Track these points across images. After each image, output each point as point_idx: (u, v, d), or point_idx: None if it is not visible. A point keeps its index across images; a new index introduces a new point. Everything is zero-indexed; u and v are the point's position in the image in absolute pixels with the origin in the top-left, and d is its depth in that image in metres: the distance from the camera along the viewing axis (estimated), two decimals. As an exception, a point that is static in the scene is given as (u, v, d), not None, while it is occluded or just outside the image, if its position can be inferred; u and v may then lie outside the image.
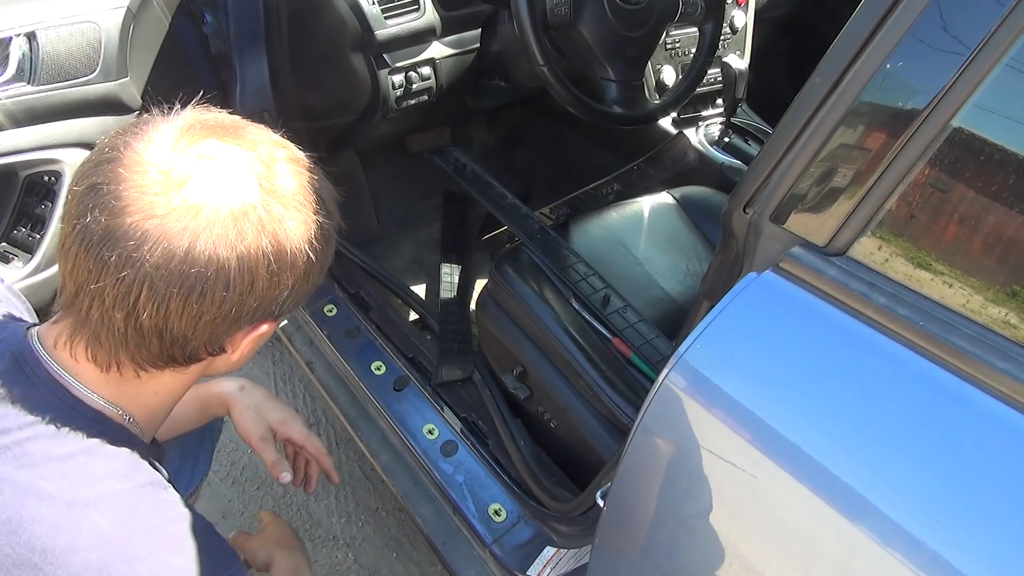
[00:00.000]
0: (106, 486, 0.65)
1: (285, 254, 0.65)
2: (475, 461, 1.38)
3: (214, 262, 0.61)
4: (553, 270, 1.37)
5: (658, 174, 1.90)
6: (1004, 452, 0.58)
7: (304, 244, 0.66)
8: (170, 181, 0.61)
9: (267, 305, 0.67)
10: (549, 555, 1.22)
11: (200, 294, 0.61)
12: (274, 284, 0.65)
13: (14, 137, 1.28)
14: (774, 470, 0.67)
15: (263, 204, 0.63)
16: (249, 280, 0.63)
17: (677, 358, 0.75)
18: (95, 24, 1.30)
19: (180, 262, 0.60)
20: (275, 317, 0.70)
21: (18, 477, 0.63)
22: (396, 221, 2.14)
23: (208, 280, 0.61)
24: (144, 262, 0.60)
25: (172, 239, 0.60)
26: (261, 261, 0.63)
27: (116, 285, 0.61)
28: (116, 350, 0.66)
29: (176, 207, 0.60)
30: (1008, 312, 0.60)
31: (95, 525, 0.63)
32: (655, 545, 0.86)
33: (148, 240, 0.59)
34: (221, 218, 0.61)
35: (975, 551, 0.57)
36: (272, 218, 0.63)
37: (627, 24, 1.39)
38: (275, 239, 0.63)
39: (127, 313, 0.62)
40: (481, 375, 1.45)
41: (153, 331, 0.63)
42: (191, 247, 0.60)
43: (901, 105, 0.64)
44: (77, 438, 0.66)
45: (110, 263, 0.60)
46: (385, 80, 1.56)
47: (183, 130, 0.63)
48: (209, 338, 0.67)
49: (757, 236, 0.74)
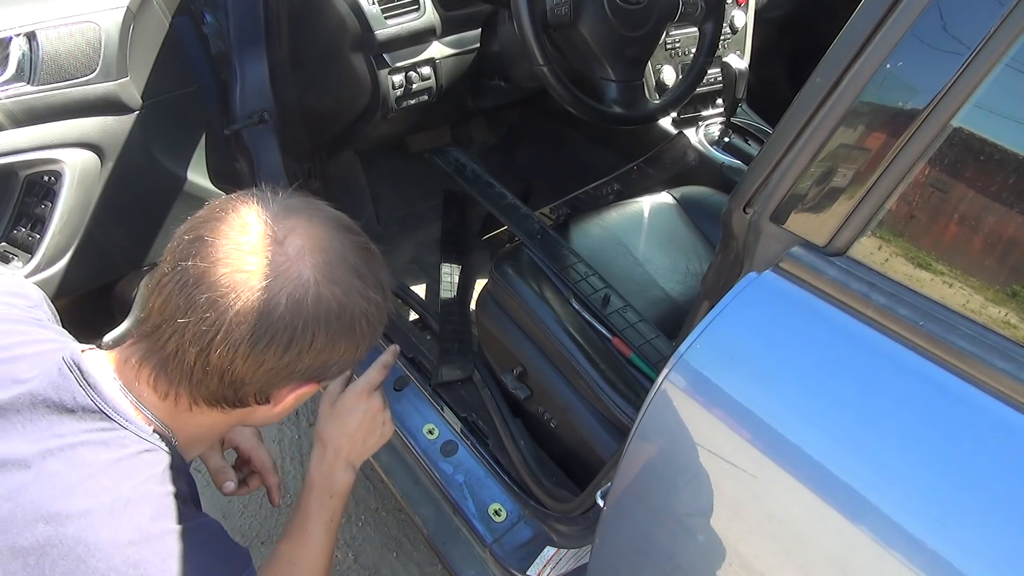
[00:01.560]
0: (148, 487, 0.72)
1: (344, 323, 0.73)
2: (475, 461, 1.38)
3: (285, 319, 0.69)
4: (553, 270, 1.37)
5: (658, 174, 1.90)
6: (1004, 452, 0.58)
7: (362, 318, 0.74)
8: (263, 245, 0.70)
9: (318, 366, 0.74)
10: (549, 555, 1.22)
11: (267, 344, 0.70)
12: (329, 348, 0.73)
13: (14, 137, 1.28)
14: (774, 470, 0.67)
15: (334, 278, 0.72)
16: (310, 340, 0.71)
17: (677, 358, 0.75)
18: (95, 24, 1.30)
19: (258, 314, 0.69)
20: (320, 379, 0.77)
21: (68, 475, 0.69)
22: (396, 221, 2.14)
23: (277, 333, 0.69)
24: (228, 308, 0.68)
25: (255, 293, 0.68)
26: (323, 325, 0.71)
27: (198, 324, 0.69)
28: (179, 381, 0.73)
29: (264, 267, 0.69)
30: (1008, 312, 0.60)
31: (136, 522, 0.69)
32: (655, 545, 0.86)
33: (235, 290, 0.68)
34: (300, 282, 0.70)
35: (975, 551, 0.57)
36: (341, 291, 0.72)
37: (627, 24, 1.39)
38: (340, 308, 0.72)
39: (200, 350, 0.70)
40: (481, 375, 1.45)
41: (216, 370, 0.71)
42: (269, 302, 0.69)
43: (901, 105, 0.64)
44: (125, 446, 0.72)
45: (199, 303, 0.68)
46: (385, 80, 1.56)
47: (279, 207, 0.73)
48: (262, 387, 0.74)
49: (757, 236, 0.74)
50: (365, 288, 0.74)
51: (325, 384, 0.80)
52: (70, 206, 1.37)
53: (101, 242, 1.46)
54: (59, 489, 0.68)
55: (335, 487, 1.01)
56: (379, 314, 0.77)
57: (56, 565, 0.65)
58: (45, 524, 0.66)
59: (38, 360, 0.75)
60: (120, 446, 0.72)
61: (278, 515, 1.75)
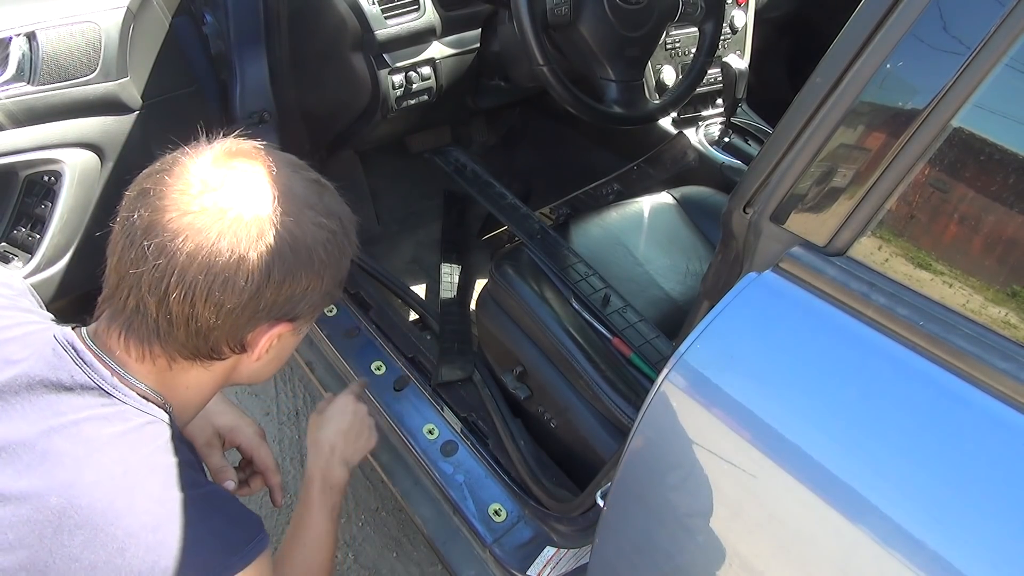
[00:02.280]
0: (156, 458, 0.73)
1: (300, 253, 0.73)
2: (475, 461, 1.38)
3: (236, 255, 0.70)
4: (553, 270, 1.37)
5: (658, 174, 1.90)
6: (1004, 452, 0.58)
7: (317, 247, 0.75)
8: (206, 187, 0.71)
9: (283, 302, 0.75)
10: (549, 555, 1.22)
11: (223, 284, 0.70)
12: (290, 281, 0.73)
13: (14, 137, 1.28)
14: (774, 470, 0.67)
15: (283, 210, 0.73)
16: (266, 273, 0.71)
17: (677, 358, 0.75)
18: (95, 24, 1.30)
19: (207, 254, 0.69)
20: (292, 319, 0.77)
21: (75, 451, 0.70)
22: (396, 221, 2.14)
23: (230, 270, 0.70)
24: (178, 251, 0.69)
25: (202, 234, 0.69)
26: (277, 257, 0.72)
27: (152, 272, 0.70)
28: (148, 338, 0.74)
29: (208, 208, 0.70)
30: (1008, 312, 0.60)
31: (148, 490, 0.71)
32: (655, 545, 0.86)
33: (182, 233, 0.69)
34: (245, 219, 0.71)
35: (975, 551, 0.57)
36: (289, 222, 0.73)
37: (627, 24, 1.39)
38: (293, 239, 0.73)
39: (159, 300, 0.71)
40: (481, 375, 1.45)
41: (180, 319, 0.72)
42: (217, 241, 0.69)
43: (901, 105, 0.64)
44: (127, 419, 0.73)
45: (149, 252, 0.70)
46: (385, 80, 1.56)
47: (221, 152, 0.74)
48: (230, 331, 0.74)
49: (757, 236, 0.74)
50: (316, 216, 0.75)
51: (300, 325, 0.80)
52: (70, 206, 1.37)
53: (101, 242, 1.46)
54: (68, 465, 0.69)
55: (333, 480, 1.04)
56: (337, 242, 0.77)
57: (74, 535, 0.67)
58: (58, 497, 0.68)
59: (29, 341, 0.76)
60: (122, 420, 0.73)
61: (277, 515, 1.75)
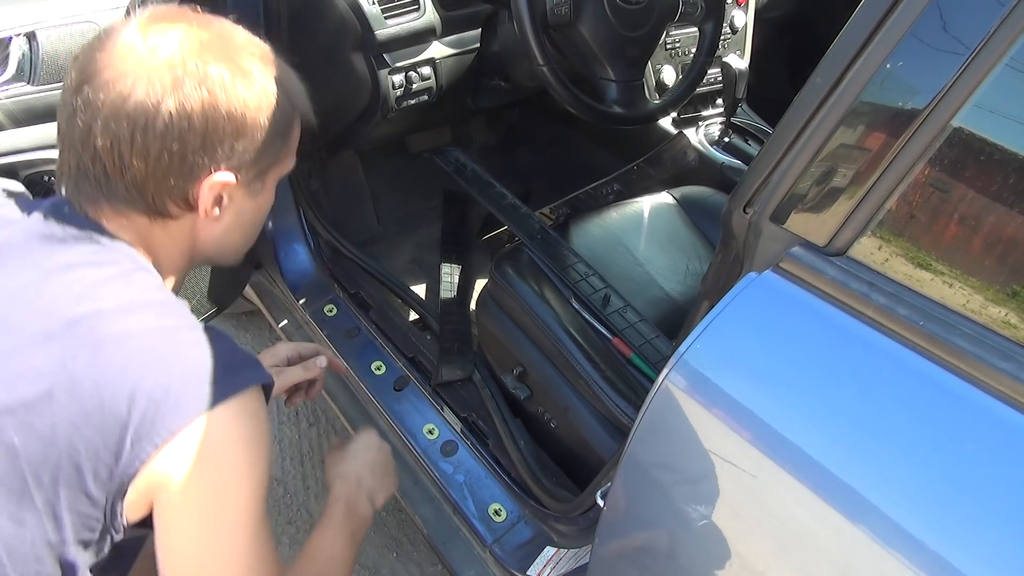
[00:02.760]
0: (149, 295, 0.76)
1: (219, 99, 0.75)
2: (475, 461, 1.38)
3: (152, 100, 0.72)
4: (553, 270, 1.37)
5: (658, 174, 1.90)
6: (1004, 452, 0.58)
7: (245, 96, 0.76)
8: (130, 45, 0.74)
9: (211, 150, 0.76)
10: (549, 555, 1.22)
11: (143, 129, 0.72)
12: (213, 128, 0.75)
13: (14, 137, 1.28)
14: (774, 470, 0.67)
15: (203, 60, 0.74)
16: (186, 120, 0.73)
17: (677, 358, 0.75)
18: (95, 24, 1.30)
19: (124, 100, 0.72)
20: (233, 169, 0.79)
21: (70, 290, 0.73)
22: (396, 221, 2.14)
23: (149, 115, 0.72)
24: (101, 103, 0.72)
25: (119, 82, 0.72)
26: (196, 104, 0.73)
27: (81, 127, 0.73)
28: (96, 196, 0.77)
29: (128, 59, 0.73)
30: (1008, 312, 0.60)
31: (143, 317, 0.73)
32: (655, 545, 0.86)
33: (104, 86, 0.72)
34: (163, 66, 0.73)
35: (975, 551, 0.57)
36: (209, 72, 0.74)
37: (627, 24, 1.39)
38: (211, 86, 0.74)
39: (92, 154, 0.74)
40: (481, 375, 1.45)
41: (114, 169, 0.74)
42: (134, 89, 0.72)
43: (901, 105, 0.64)
44: (118, 263, 0.77)
45: (77, 108, 0.73)
46: (385, 80, 1.56)
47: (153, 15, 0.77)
48: (165, 181, 0.76)
49: (757, 236, 0.74)
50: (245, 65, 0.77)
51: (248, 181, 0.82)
52: (70, 206, 1.37)
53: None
54: (64, 299, 0.72)
55: (359, 510, 1.00)
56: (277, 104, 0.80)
57: (76, 357, 0.69)
58: (57, 322, 0.71)
59: (24, 202, 0.81)
60: (113, 264, 0.76)
61: (277, 515, 1.75)
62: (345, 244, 1.72)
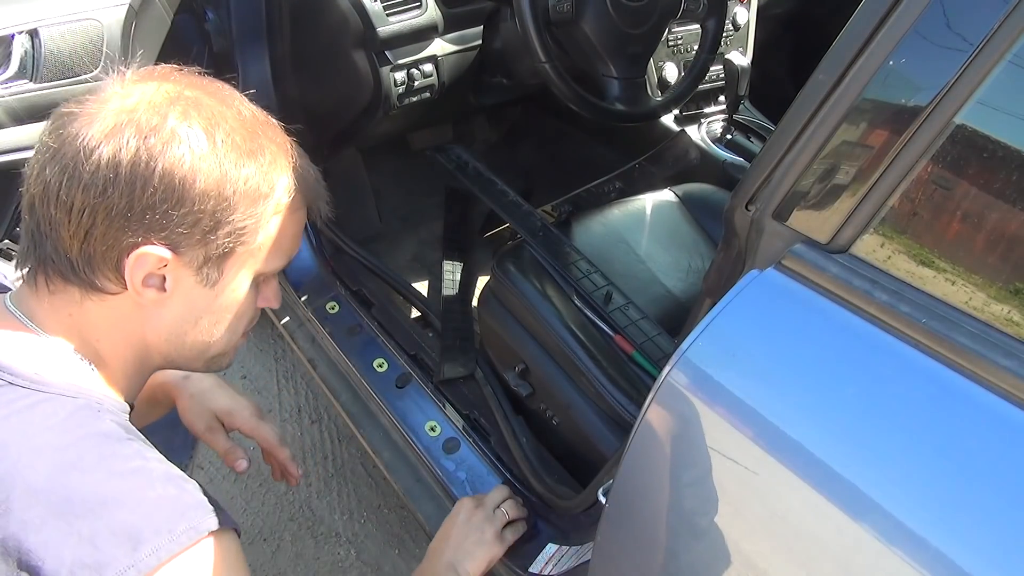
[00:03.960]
0: (46, 439, 0.64)
1: (157, 159, 0.66)
2: (477, 458, 1.38)
3: (86, 147, 0.65)
4: (555, 267, 1.37)
5: (660, 171, 1.90)
6: (1007, 450, 0.58)
7: (194, 163, 0.67)
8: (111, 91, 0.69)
9: (139, 215, 0.67)
10: (551, 552, 1.22)
11: (70, 178, 0.66)
12: (142, 187, 0.66)
13: (17, 134, 1.28)
14: (776, 467, 0.67)
15: (160, 113, 0.67)
16: (113, 171, 0.65)
17: (679, 355, 0.75)
18: (97, 21, 1.30)
19: (63, 147, 0.66)
20: (169, 244, 0.69)
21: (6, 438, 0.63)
22: (398, 218, 2.14)
23: (78, 163, 0.65)
24: (46, 150, 0.68)
25: (67, 129, 0.67)
26: (129, 155, 0.65)
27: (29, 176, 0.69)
28: (29, 255, 0.70)
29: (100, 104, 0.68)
30: (1011, 309, 0.59)
31: (28, 483, 0.61)
32: (657, 542, 0.86)
33: (56, 133, 0.67)
34: (113, 112, 0.67)
35: (978, 549, 0.57)
36: (159, 126, 0.67)
37: (629, 21, 1.38)
38: (149, 143, 0.66)
39: (29, 205, 0.69)
40: (483, 372, 1.45)
41: (45, 225, 0.68)
42: (75, 136, 0.66)
43: (904, 102, 0.63)
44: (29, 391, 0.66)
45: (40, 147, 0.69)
46: (387, 77, 1.56)
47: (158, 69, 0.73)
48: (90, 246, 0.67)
49: (759, 233, 0.74)
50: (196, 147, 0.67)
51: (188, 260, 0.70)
52: (73, 203, 1.37)
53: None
54: None
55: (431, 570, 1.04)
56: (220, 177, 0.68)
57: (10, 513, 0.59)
58: None
59: None
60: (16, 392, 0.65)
61: (280, 511, 1.76)
62: (347, 241, 1.72)
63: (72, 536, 0.59)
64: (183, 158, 0.67)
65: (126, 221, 0.67)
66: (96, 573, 0.58)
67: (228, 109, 0.71)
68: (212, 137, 0.68)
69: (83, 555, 0.59)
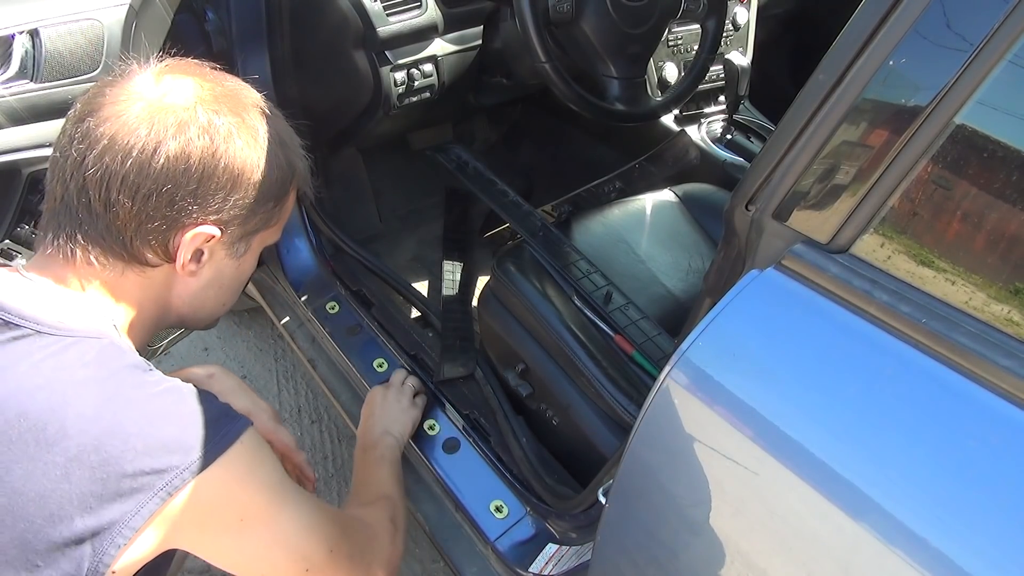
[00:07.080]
0: (86, 373, 0.71)
1: (218, 151, 0.75)
2: (477, 458, 1.38)
3: (154, 139, 0.73)
4: (555, 267, 1.37)
5: (660, 171, 1.90)
6: (1007, 449, 0.58)
7: (247, 155, 0.77)
8: (142, 86, 0.75)
9: (203, 199, 0.76)
10: (551, 552, 1.22)
11: (138, 167, 0.72)
12: (208, 177, 0.75)
13: (17, 134, 1.28)
14: (776, 467, 0.67)
15: (212, 110, 0.76)
16: (184, 163, 0.74)
17: (679, 355, 0.75)
18: (98, 21, 1.30)
19: (126, 136, 0.72)
20: (221, 223, 0.78)
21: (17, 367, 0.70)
22: (398, 218, 2.14)
23: (146, 154, 0.72)
24: (100, 136, 0.73)
25: (122, 117, 0.73)
26: (197, 150, 0.74)
27: (74, 156, 0.73)
28: (73, 233, 0.75)
29: (135, 99, 0.74)
30: (1011, 309, 0.60)
31: (79, 410, 0.69)
32: (657, 542, 0.86)
33: (106, 120, 0.73)
34: (168, 109, 0.74)
35: (978, 549, 0.57)
36: (215, 122, 0.75)
37: (629, 21, 1.38)
38: (213, 137, 0.75)
39: (79, 184, 0.73)
40: (483, 372, 1.45)
41: (98, 203, 0.74)
42: (137, 126, 0.73)
43: (904, 102, 0.63)
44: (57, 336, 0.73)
45: (74, 137, 0.74)
46: (387, 77, 1.56)
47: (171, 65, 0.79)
48: (148, 225, 0.75)
49: (759, 233, 0.74)
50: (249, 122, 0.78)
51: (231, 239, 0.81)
52: (73, 203, 1.37)
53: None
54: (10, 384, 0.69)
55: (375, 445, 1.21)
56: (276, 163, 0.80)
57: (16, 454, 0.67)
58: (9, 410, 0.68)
59: None
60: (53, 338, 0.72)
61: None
62: (347, 241, 1.72)
63: (129, 451, 0.68)
64: (241, 151, 0.77)
65: (188, 204, 0.75)
66: (158, 478, 0.68)
67: (252, 101, 0.81)
68: (255, 131, 0.79)
69: (142, 465, 0.68)
